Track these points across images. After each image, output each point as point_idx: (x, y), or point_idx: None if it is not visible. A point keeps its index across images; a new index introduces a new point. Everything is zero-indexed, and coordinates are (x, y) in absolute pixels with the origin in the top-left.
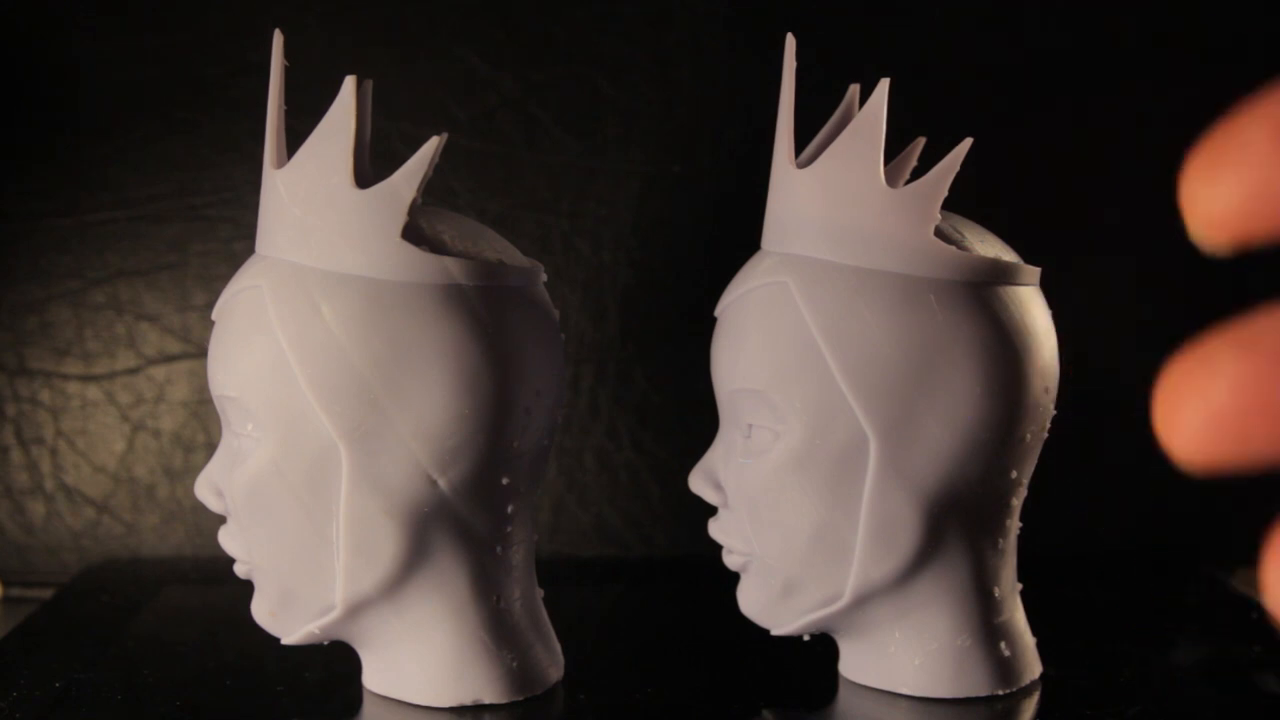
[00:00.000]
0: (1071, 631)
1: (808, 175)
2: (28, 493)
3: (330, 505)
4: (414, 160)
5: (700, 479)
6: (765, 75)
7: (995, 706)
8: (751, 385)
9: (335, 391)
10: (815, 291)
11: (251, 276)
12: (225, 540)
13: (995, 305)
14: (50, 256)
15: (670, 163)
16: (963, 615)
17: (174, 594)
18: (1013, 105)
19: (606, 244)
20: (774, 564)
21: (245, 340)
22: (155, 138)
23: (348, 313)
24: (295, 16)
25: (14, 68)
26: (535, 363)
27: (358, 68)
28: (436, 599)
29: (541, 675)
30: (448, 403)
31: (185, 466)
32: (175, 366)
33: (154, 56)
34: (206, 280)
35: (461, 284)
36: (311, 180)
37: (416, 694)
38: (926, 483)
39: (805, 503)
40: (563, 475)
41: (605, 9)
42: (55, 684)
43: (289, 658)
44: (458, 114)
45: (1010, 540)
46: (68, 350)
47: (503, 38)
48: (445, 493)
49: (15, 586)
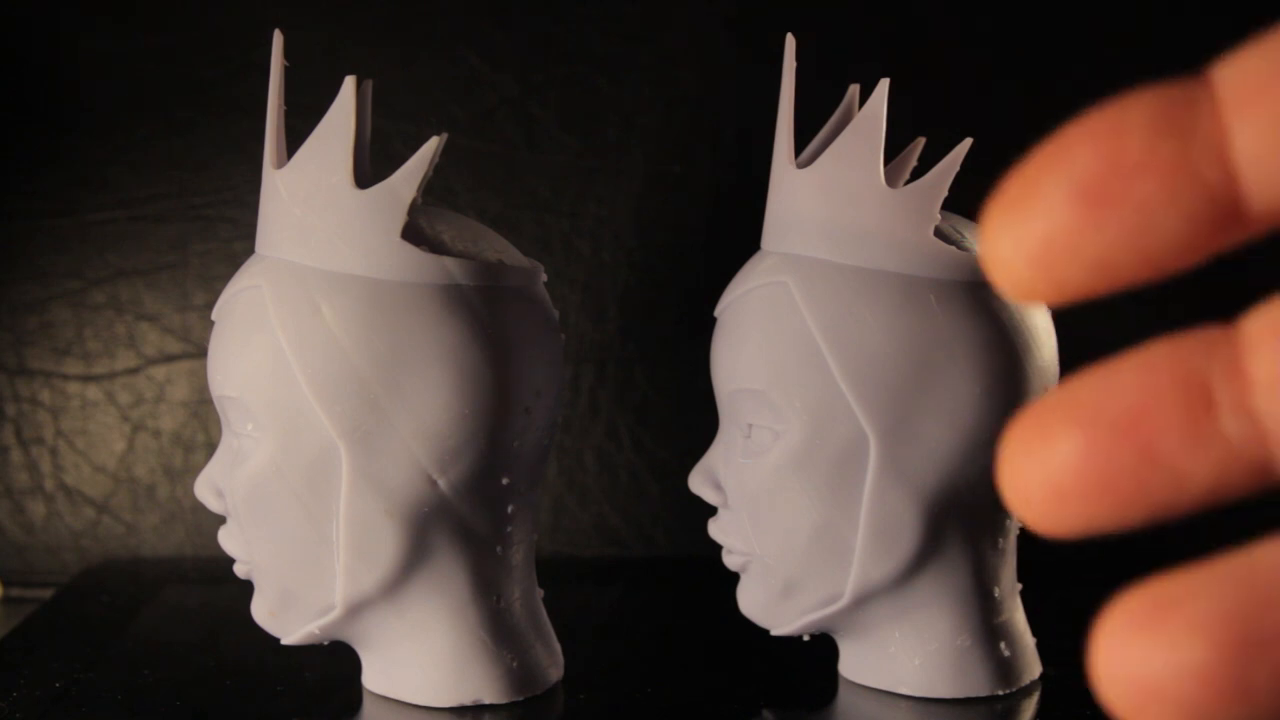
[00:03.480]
0: (1071, 631)
1: (808, 175)
2: (28, 493)
3: (330, 505)
4: (414, 160)
5: (700, 479)
6: (765, 75)
7: (995, 706)
8: (751, 385)
9: (335, 391)
10: (815, 291)
11: (251, 276)
12: (225, 540)
13: (995, 305)
14: (50, 256)
15: (670, 163)
16: (963, 615)
17: (174, 594)
18: (1013, 105)
19: (606, 244)
20: (774, 564)
21: (245, 340)
22: (155, 138)
23: (348, 313)
24: (295, 16)
25: (15, 68)
26: (535, 363)
27: (358, 68)
28: (436, 599)
29: (541, 675)
30: (448, 403)
31: (185, 466)
32: (175, 366)
33: (154, 56)
34: (206, 280)
35: (461, 284)
36: (312, 180)
37: (416, 694)
38: (926, 483)
39: (805, 502)
40: (563, 475)
41: (605, 9)
42: (55, 684)
43: (289, 658)
44: (458, 114)
45: (1010, 540)
46: (68, 350)
47: (503, 38)
48: (445, 493)
49: (15, 586)
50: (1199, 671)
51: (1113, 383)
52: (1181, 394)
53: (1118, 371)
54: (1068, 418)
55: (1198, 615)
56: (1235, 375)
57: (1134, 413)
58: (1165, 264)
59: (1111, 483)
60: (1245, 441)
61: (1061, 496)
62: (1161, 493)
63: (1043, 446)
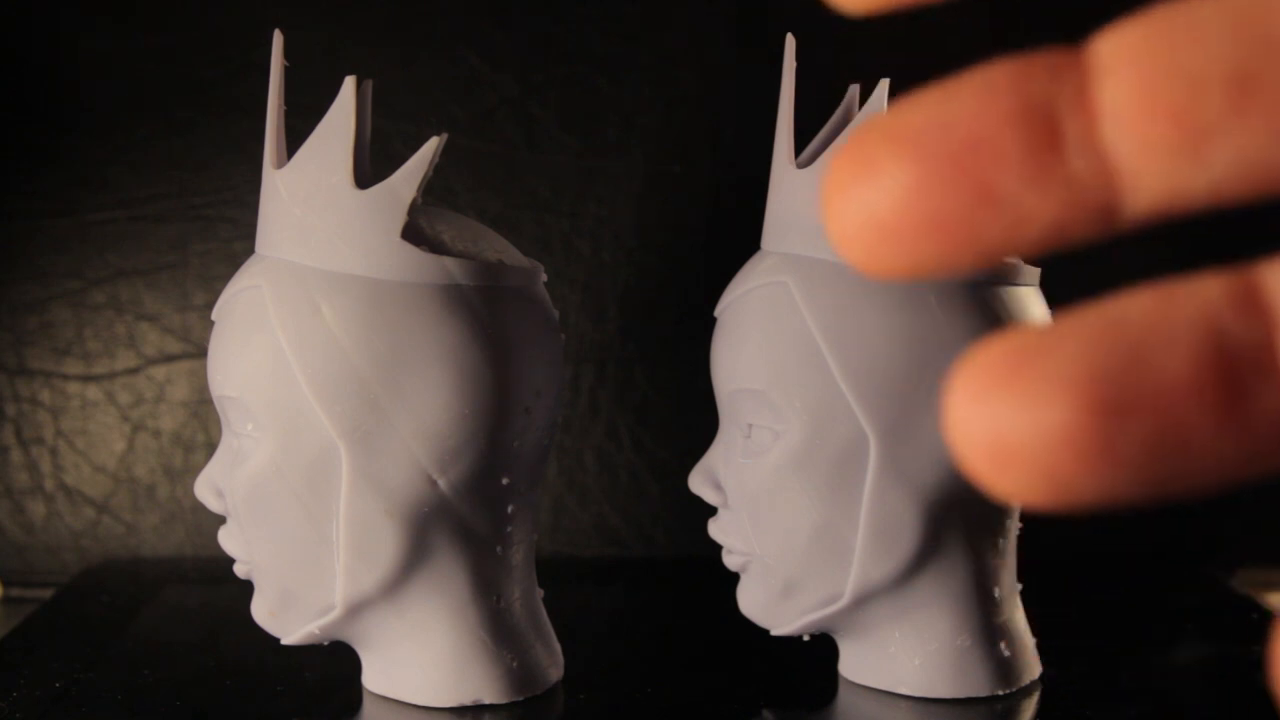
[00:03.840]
0: (1071, 631)
1: (808, 175)
2: (28, 493)
3: (330, 505)
4: (414, 160)
5: (700, 479)
6: (765, 75)
7: (995, 706)
8: (751, 385)
9: (335, 391)
10: (815, 291)
11: (251, 276)
12: (225, 540)
13: (995, 305)
14: (50, 256)
15: (670, 163)
16: (963, 615)
17: (174, 594)
18: None
19: (606, 244)
20: (774, 564)
21: (245, 340)
22: (155, 138)
23: (348, 313)
24: (295, 16)
25: (15, 68)
26: (535, 363)
27: (358, 68)
28: (436, 599)
29: (541, 675)
30: (448, 403)
31: (185, 466)
32: (175, 366)
33: (154, 56)
34: (206, 280)
35: (461, 284)
36: (312, 180)
37: (416, 694)
38: (926, 483)
39: (805, 503)
40: (563, 475)
41: (605, 9)
42: (55, 684)
43: (289, 658)
44: (458, 114)
45: (1010, 540)
46: (68, 350)
47: (503, 38)
48: (445, 493)
49: (15, 586)
50: (1060, 432)
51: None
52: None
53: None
54: (896, 146)
55: (1061, 371)
56: (1082, 105)
57: (969, 143)
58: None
59: (943, 220)
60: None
61: (887, 234)
62: (997, 233)
63: (867, 177)
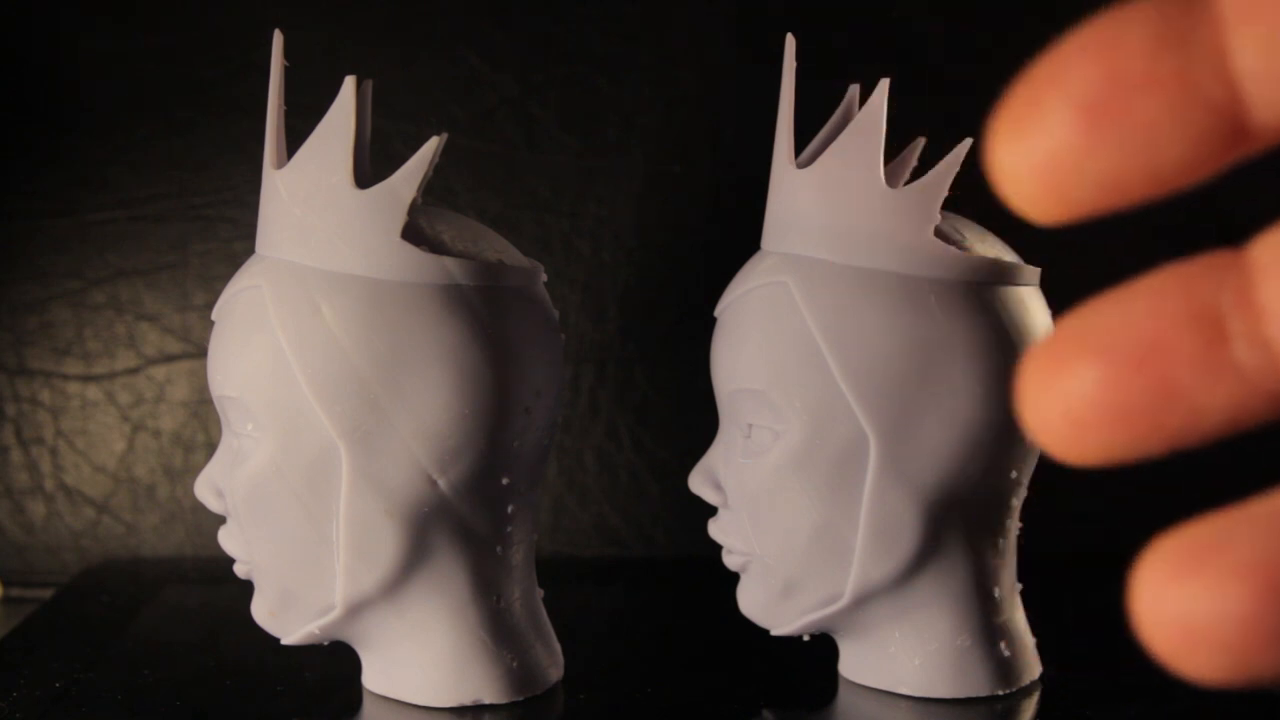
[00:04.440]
0: (1071, 631)
1: (808, 175)
2: (28, 493)
3: (330, 505)
4: (414, 160)
5: (700, 479)
6: (765, 75)
7: (995, 706)
8: (751, 385)
9: (335, 391)
10: (815, 291)
11: (251, 276)
12: (225, 540)
13: (995, 305)
14: (50, 256)
15: (670, 163)
16: (963, 615)
17: (174, 594)
18: None
19: (606, 244)
20: (774, 564)
21: (245, 340)
22: (155, 138)
23: (348, 313)
24: (295, 16)
25: (15, 68)
26: (535, 363)
27: (358, 68)
28: (436, 599)
29: (541, 675)
30: (448, 403)
31: (185, 466)
32: (175, 366)
33: (154, 56)
34: (206, 280)
35: (461, 284)
36: (312, 180)
37: (416, 694)
38: (926, 483)
39: (805, 503)
40: (563, 475)
41: (605, 9)
42: (55, 684)
43: (289, 658)
44: (458, 114)
45: (1010, 540)
46: (68, 350)
47: (503, 38)
48: (445, 493)
49: (15, 586)
50: (1241, 615)
51: (1125, 311)
52: (1194, 324)
53: (1129, 299)
54: (1084, 348)
55: (1237, 559)
56: (1245, 304)
57: (1148, 343)
58: (1172, 180)
59: (1129, 413)
60: (1260, 371)
61: (1081, 427)
62: (1179, 423)
63: (1060, 377)
